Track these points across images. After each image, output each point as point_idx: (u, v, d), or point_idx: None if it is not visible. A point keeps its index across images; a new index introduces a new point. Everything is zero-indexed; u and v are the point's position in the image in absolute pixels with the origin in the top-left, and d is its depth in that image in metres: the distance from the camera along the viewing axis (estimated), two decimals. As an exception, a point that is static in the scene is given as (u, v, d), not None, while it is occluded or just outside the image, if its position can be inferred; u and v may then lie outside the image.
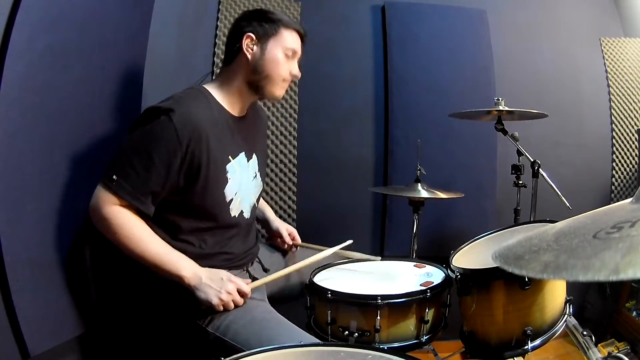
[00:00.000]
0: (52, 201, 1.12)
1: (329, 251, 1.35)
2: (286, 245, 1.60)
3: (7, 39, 0.93)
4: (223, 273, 1.20)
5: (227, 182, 1.25)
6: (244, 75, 1.28)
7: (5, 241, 0.95)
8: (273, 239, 1.63)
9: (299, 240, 1.62)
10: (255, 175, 1.40)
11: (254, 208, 1.40)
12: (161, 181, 1.15)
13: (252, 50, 1.26)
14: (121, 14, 1.40)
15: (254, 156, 1.38)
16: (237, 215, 1.31)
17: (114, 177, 1.12)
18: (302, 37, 1.33)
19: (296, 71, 1.32)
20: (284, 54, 1.28)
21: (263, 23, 1.27)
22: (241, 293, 1.18)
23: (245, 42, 1.26)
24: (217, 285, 1.16)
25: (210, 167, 1.20)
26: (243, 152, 1.32)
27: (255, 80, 1.28)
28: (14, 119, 0.97)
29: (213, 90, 1.28)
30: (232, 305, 1.16)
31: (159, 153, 1.12)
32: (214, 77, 1.34)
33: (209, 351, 1.19)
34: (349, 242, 1.42)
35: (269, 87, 1.29)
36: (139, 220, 1.17)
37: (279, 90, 1.31)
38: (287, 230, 1.60)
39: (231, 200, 1.28)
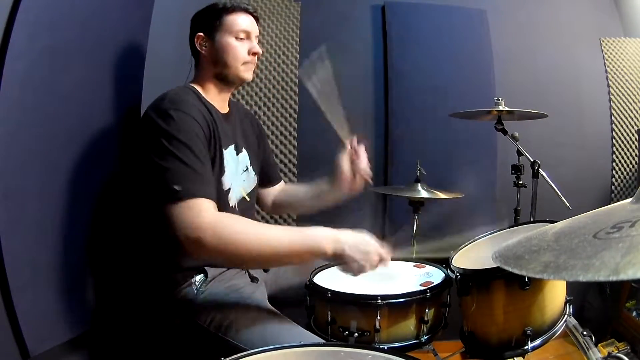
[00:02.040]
0: (52, 201, 1.12)
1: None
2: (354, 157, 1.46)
3: (7, 39, 0.93)
4: (368, 240, 1.10)
5: (224, 171, 1.27)
6: (210, 71, 1.33)
7: (5, 241, 0.95)
8: (347, 172, 1.45)
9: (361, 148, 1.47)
10: (247, 169, 1.41)
11: (246, 202, 1.39)
12: (210, 167, 1.16)
13: (205, 47, 1.31)
14: (121, 14, 1.40)
15: (244, 150, 1.40)
16: (234, 206, 1.32)
17: (175, 187, 1.02)
18: (252, 14, 1.35)
19: (256, 48, 1.33)
20: (235, 38, 1.30)
21: (208, 19, 1.30)
22: (382, 261, 1.11)
23: (198, 42, 1.31)
24: (361, 257, 1.07)
25: (216, 154, 1.23)
26: (232, 145, 1.34)
27: (219, 71, 1.32)
28: (14, 119, 0.97)
29: (197, 87, 1.32)
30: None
31: (196, 141, 1.12)
32: (192, 78, 1.36)
33: (210, 351, 1.19)
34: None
35: (232, 73, 1.32)
36: (239, 217, 1.09)
37: (243, 72, 1.33)
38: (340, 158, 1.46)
39: (229, 189, 1.29)
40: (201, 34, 1.31)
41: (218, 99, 1.36)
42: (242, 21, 1.32)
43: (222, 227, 1.01)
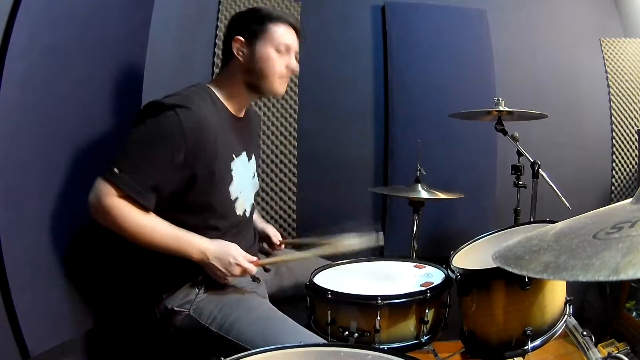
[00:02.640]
0: (52, 201, 1.12)
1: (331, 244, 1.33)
2: (274, 246, 1.56)
3: (7, 39, 0.93)
4: (231, 252, 1.21)
5: (232, 180, 1.26)
6: (241, 77, 1.28)
7: (5, 241, 0.95)
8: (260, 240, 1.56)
9: (283, 246, 1.58)
10: (254, 176, 1.42)
11: (253, 207, 1.41)
12: (163, 176, 1.14)
13: (242, 52, 1.26)
14: (121, 14, 1.40)
15: (252, 156, 1.40)
16: (241, 214, 1.32)
17: (115, 170, 1.09)
18: (295, 29, 1.31)
19: (294, 65, 1.29)
20: (275, 50, 1.26)
21: (251, 23, 1.26)
22: (246, 272, 1.22)
23: (235, 46, 1.25)
24: (224, 266, 1.19)
25: (217, 165, 1.20)
26: (244, 152, 1.33)
27: (252, 80, 1.28)
28: (14, 118, 0.97)
29: (215, 89, 1.28)
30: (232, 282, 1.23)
31: (162, 147, 1.12)
32: (213, 78, 1.34)
33: (212, 350, 1.19)
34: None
35: (267, 85, 1.28)
36: (140, 210, 1.14)
37: (278, 86, 1.29)
38: (274, 233, 1.57)
39: (236, 198, 1.29)
40: (241, 37, 1.25)
41: (237, 105, 1.32)
42: (285, 34, 1.27)
43: (114, 211, 1.11)
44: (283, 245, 1.58)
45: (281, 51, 1.26)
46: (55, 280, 1.13)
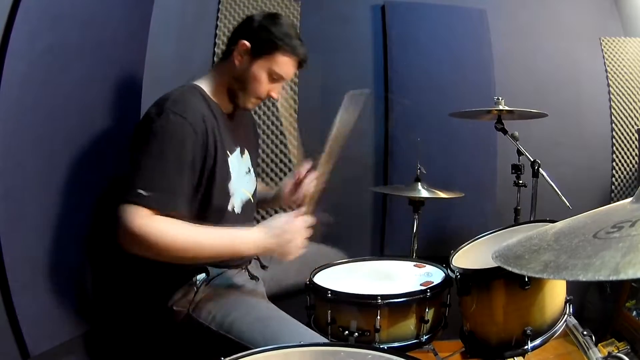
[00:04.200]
0: (52, 201, 1.12)
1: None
2: (296, 186, 1.47)
3: (7, 39, 0.93)
4: (279, 225, 1.16)
5: (230, 177, 1.26)
6: (227, 79, 1.29)
7: (5, 241, 0.95)
8: (288, 197, 1.49)
9: (307, 177, 1.48)
10: (249, 171, 1.41)
11: (249, 203, 1.39)
12: (190, 179, 1.14)
13: (240, 57, 1.25)
14: (121, 14, 1.40)
15: (246, 152, 1.40)
16: (231, 210, 1.31)
17: (140, 191, 1.04)
18: (300, 64, 1.31)
19: (274, 94, 1.30)
20: (268, 75, 1.26)
21: (264, 37, 1.23)
22: (304, 228, 1.19)
23: (239, 47, 1.25)
24: (287, 241, 1.15)
25: (218, 161, 1.21)
26: (238, 148, 1.33)
27: (234, 87, 1.28)
28: (14, 118, 0.97)
29: (205, 87, 1.28)
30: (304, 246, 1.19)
31: (178, 152, 1.11)
32: (207, 73, 1.33)
33: (212, 349, 1.19)
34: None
35: (242, 98, 1.29)
36: (176, 221, 1.09)
37: (249, 104, 1.31)
38: (286, 182, 1.50)
39: (232, 194, 1.29)
40: (248, 44, 1.23)
41: (225, 101, 1.33)
42: (287, 67, 1.27)
43: (149, 233, 1.04)
44: (307, 176, 1.48)
45: (273, 78, 1.27)
46: (55, 281, 1.13)
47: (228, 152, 1.27)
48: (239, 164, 1.33)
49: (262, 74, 1.25)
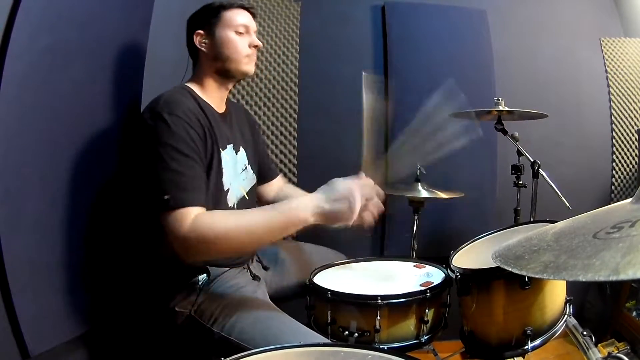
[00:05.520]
0: (52, 201, 1.12)
1: None
2: None
3: (7, 39, 0.93)
4: (337, 189, 1.10)
5: (223, 172, 1.28)
6: (210, 68, 1.33)
7: (5, 241, 0.95)
8: None
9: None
10: (245, 168, 1.41)
11: (245, 200, 1.39)
12: (202, 170, 1.17)
13: (205, 43, 1.31)
14: (121, 14, 1.40)
15: (241, 149, 1.40)
16: (231, 206, 1.32)
17: (166, 197, 1.06)
18: (249, 10, 1.36)
19: (256, 42, 1.35)
20: (235, 32, 1.31)
21: (206, 17, 1.31)
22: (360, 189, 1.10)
23: (197, 39, 1.31)
24: (342, 209, 1.07)
25: (212, 156, 1.22)
26: (231, 145, 1.34)
27: (220, 66, 1.32)
28: (14, 118, 0.97)
29: (195, 88, 1.32)
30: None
31: (186, 149, 1.13)
32: (190, 78, 1.37)
33: (213, 350, 1.19)
34: None
35: (234, 66, 1.32)
36: (214, 212, 1.13)
37: (245, 66, 1.34)
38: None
39: (227, 190, 1.30)
40: (200, 31, 1.31)
41: (216, 98, 1.36)
42: (240, 16, 1.33)
43: (202, 231, 1.05)
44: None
45: (241, 32, 1.32)
46: (55, 281, 1.13)
47: (220, 148, 1.28)
48: (232, 161, 1.33)
49: (228, 34, 1.30)
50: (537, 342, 1.12)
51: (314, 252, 1.63)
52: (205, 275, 1.25)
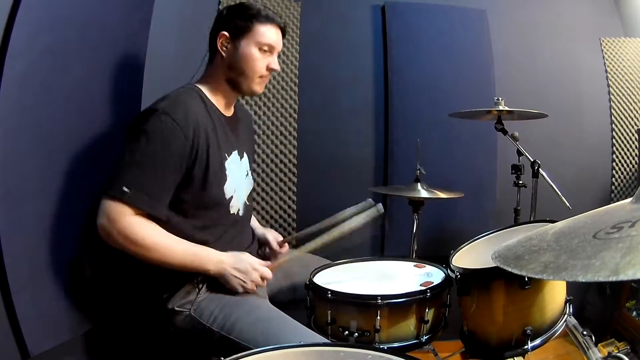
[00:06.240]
0: (52, 201, 1.12)
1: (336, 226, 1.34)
2: (274, 251, 1.52)
3: (7, 39, 0.93)
4: (246, 260, 1.24)
5: (226, 179, 1.26)
6: (223, 73, 1.30)
7: (5, 241, 0.96)
8: (259, 247, 1.54)
9: (286, 247, 1.54)
10: (247, 174, 1.41)
11: (246, 205, 1.40)
12: (176, 182, 1.16)
13: (226, 48, 1.27)
14: (121, 14, 1.40)
15: (245, 155, 1.40)
16: (235, 213, 1.32)
17: (125, 189, 1.08)
18: (282, 30, 1.32)
19: (274, 65, 1.30)
20: (258, 50, 1.26)
21: (237, 20, 1.26)
22: (264, 278, 1.25)
23: (220, 40, 1.26)
24: (243, 275, 1.22)
25: (211, 165, 1.21)
26: (236, 151, 1.33)
27: (232, 77, 1.29)
28: (14, 119, 0.97)
29: (204, 88, 1.30)
30: (255, 289, 1.24)
31: (168, 154, 1.12)
32: (201, 77, 1.34)
33: (213, 350, 1.19)
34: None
35: (245, 83, 1.29)
36: (156, 226, 1.16)
37: (256, 86, 1.31)
38: (274, 237, 1.54)
39: (231, 197, 1.29)
40: (226, 33, 1.26)
41: (224, 102, 1.33)
42: (271, 34, 1.27)
43: (128, 233, 1.11)
44: (286, 247, 1.55)
45: (264, 51, 1.27)
46: (55, 280, 1.13)
47: (226, 155, 1.27)
48: (237, 167, 1.32)
49: (252, 50, 1.26)
50: (537, 342, 1.12)
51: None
52: (205, 275, 1.24)
